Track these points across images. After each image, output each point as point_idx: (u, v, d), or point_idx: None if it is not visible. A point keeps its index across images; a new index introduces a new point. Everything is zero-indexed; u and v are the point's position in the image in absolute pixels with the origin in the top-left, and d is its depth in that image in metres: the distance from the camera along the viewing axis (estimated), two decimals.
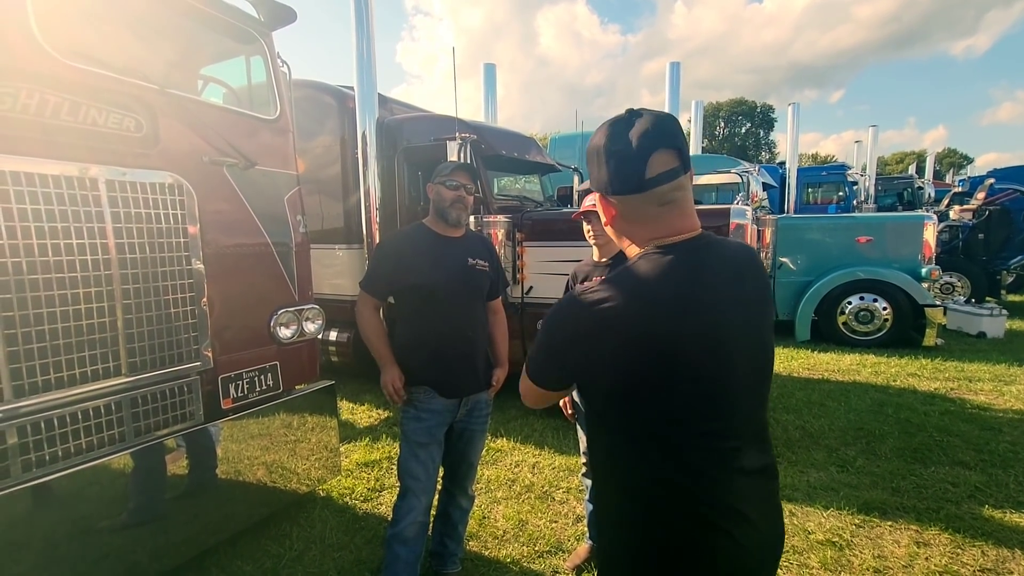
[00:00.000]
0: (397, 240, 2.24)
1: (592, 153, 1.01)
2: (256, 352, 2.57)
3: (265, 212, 2.63)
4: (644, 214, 0.99)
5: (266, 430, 2.53)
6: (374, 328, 2.14)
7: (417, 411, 2.08)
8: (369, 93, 4.83)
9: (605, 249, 2.21)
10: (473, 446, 2.25)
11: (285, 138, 2.87)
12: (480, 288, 2.19)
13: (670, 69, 7.41)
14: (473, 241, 2.23)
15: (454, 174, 2.11)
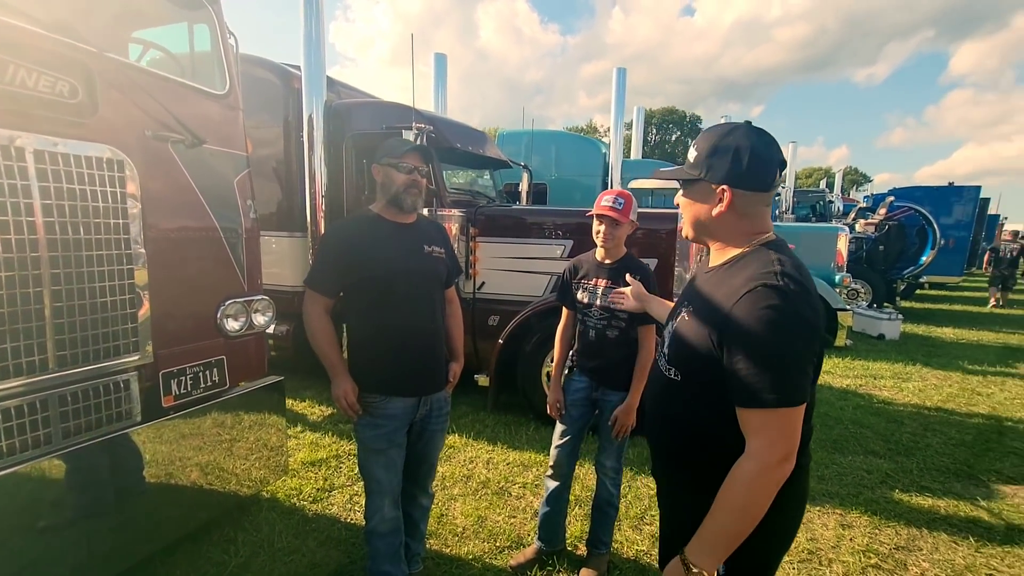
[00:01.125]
0: (344, 230, 2.01)
1: (732, 148, 1.11)
2: (201, 346, 2.38)
3: (213, 194, 2.44)
4: (754, 211, 1.15)
5: (210, 429, 2.35)
6: (324, 332, 1.94)
7: (373, 418, 1.96)
8: (317, 74, 4.60)
9: (612, 252, 2.22)
10: (433, 446, 2.17)
11: (235, 116, 2.67)
12: (439, 276, 2.07)
13: (616, 74, 7.59)
14: (426, 227, 2.09)
15: (406, 157, 1.95)
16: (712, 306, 1.09)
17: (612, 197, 2.16)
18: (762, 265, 1.07)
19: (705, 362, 1.09)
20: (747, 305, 1.01)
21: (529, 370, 4.14)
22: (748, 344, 1.00)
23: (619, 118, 7.66)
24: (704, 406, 1.12)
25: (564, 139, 9.27)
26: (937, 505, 3.02)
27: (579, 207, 5.71)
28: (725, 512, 1.03)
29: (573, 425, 2.32)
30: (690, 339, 1.14)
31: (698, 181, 1.16)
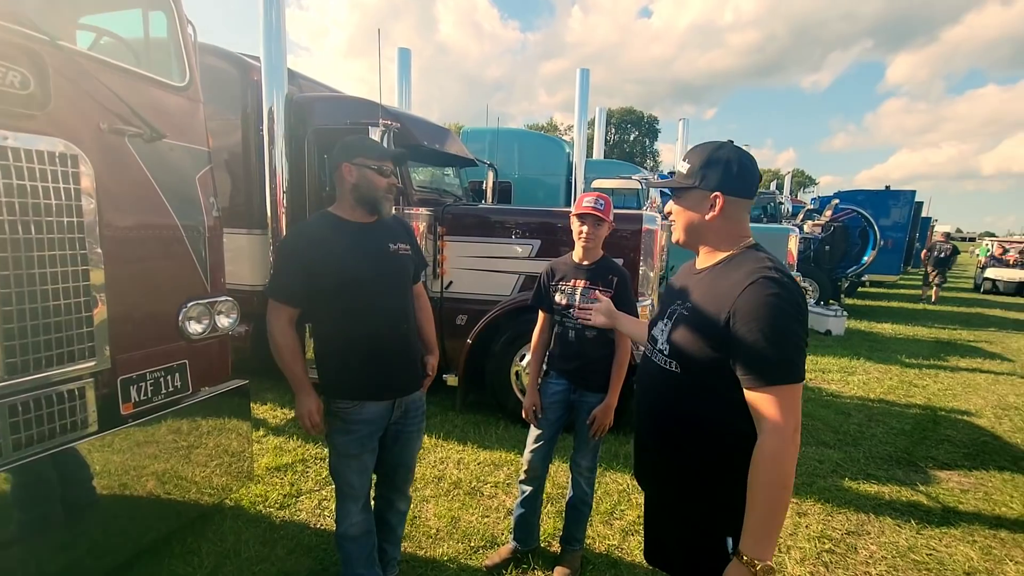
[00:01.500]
0: (305, 233, 1.90)
1: (724, 160, 1.24)
2: (162, 350, 2.28)
3: (174, 191, 2.33)
4: (740, 216, 1.28)
5: (171, 437, 2.25)
6: (289, 346, 1.86)
7: (346, 423, 1.90)
8: (277, 66, 4.46)
9: (591, 253, 2.25)
10: (410, 449, 2.12)
11: (196, 109, 2.56)
12: (407, 274, 2.02)
13: (580, 75, 7.69)
14: (390, 224, 2.00)
15: (387, 161, 1.91)
16: (715, 299, 1.19)
17: (593, 198, 2.19)
18: (756, 262, 1.20)
19: (709, 351, 1.18)
20: (752, 294, 1.12)
21: (498, 369, 4.16)
22: (758, 328, 1.09)
23: (582, 118, 7.77)
24: (706, 394, 1.21)
25: (528, 138, 9.32)
26: (882, 491, 3.23)
27: (543, 206, 5.74)
28: (767, 492, 1.08)
29: (549, 428, 2.34)
30: (694, 331, 1.22)
31: (692, 189, 1.27)
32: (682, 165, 1.31)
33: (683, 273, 1.43)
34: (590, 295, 2.20)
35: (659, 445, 1.35)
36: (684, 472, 1.27)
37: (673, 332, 1.27)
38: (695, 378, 1.22)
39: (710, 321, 1.17)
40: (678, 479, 1.29)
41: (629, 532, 2.72)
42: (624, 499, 3.04)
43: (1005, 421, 4.64)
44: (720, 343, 1.15)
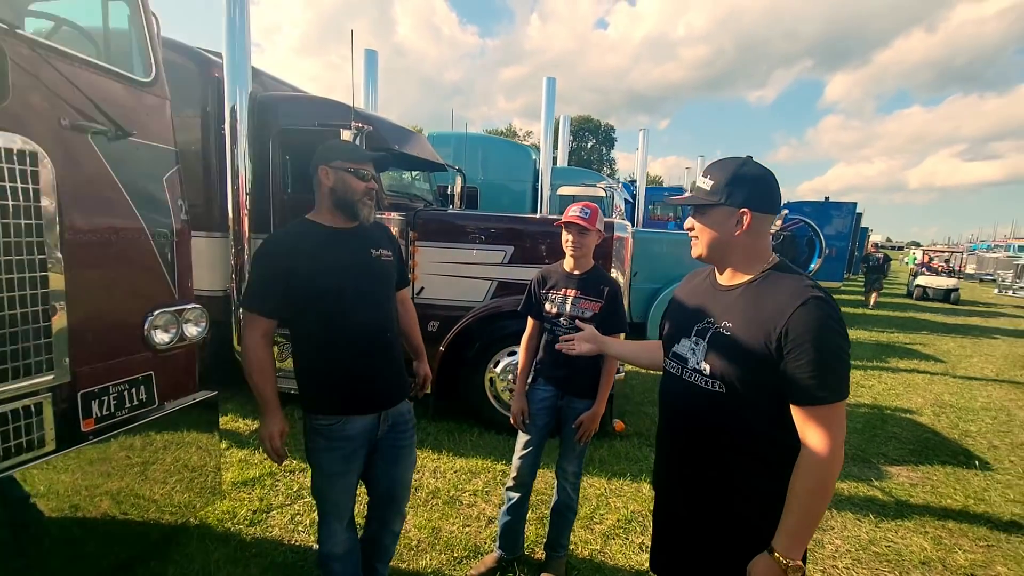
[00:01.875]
0: (281, 241, 1.79)
1: (760, 178, 1.27)
2: (126, 361, 2.14)
3: (140, 192, 2.20)
4: (765, 232, 1.30)
5: (136, 454, 2.11)
6: (259, 362, 1.75)
7: (329, 440, 1.81)
8: (241, 62, 4.28)
9: (581, 262, 2.26)
10: (405, 466, 2.01)
11: (162, 106, 2.44)
12: (390, 281, 1.95)
13: (546, 83, 7.75)
14: (371, 230, 1.93)
15: (366, 164, 1.84)
16: (762, 319, 1.19)
17: (580, 208, 2.20)
18: (797, 281, 1.22)
19: (758, 371, 1.18)
20: (805, 315, 1.14)
21: (472, 377, 4.13)
22: (813, 349, 1.11)
23: (548, 125, 7.84)
24: (752, 412, 1.22)
25: (494, 144, 9.33)
26: (841, 488, 3.40)
27: (510, 213, 5.75)
28: (809, 500, 1.13)
29: (537, 434, 2.33)
30: (741, 352, 1.22)
31: (718, 206, 1.27)
32: (703, 181, 1.30)
33: (700, 288, 1.41)
34: (580, 305, 2.22)
35: (703, 464, 1.33)
36: (732, 487, 1.27)
37: (713, 353, 1.26)
38: (741, 398, 1.22)
39: (759, 341, 1.18)
40: (726, 495, 1.28)
41: (610, 536, 2.75)
42: (603, 503, 3.07)
43: (943, 418, 4.98)
44: (770, 363, 1.16)
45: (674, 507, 1.43)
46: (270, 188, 4.48)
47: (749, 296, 1.26)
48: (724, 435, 1.26)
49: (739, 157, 1.31)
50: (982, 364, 7.52)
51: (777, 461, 1.20)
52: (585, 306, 2.22)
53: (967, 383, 6.36)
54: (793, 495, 1.15)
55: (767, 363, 1.17)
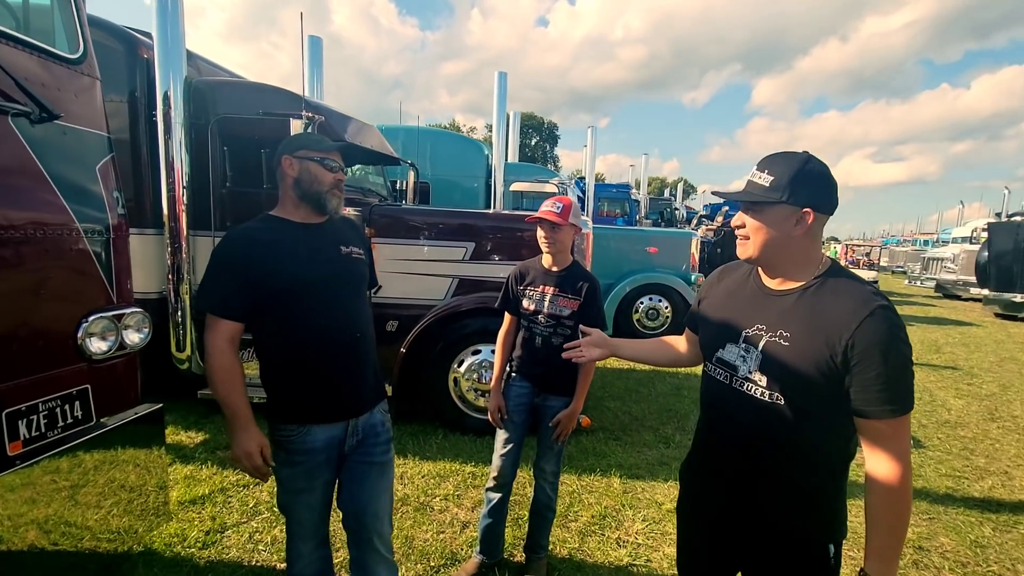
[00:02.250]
0: (242, 237, 1.64)
1: (824, 176, 1.20)
2: (57, 374, 1.89)
3: (71, 183, 1.95)
4: (820, 234, 1.25)
5: (71, 478, 1.87)
6: (225, 370, 1.58)
7: (288, 454, 1.67)
8: (175, 45, 3.94)
9: (559, 258, 2.21)
10: (375, 488, 1.77)
11: (92, 87, 2.18)
12: (361, 278, 1.81)
13: (498, 78, 7.69)
14: (340, 226, 1.80)
15: (333, 153, 1.71)
16: (826, 327, 1.14)
17: (552, 202, 2.16)
18: (860, 288, 1.17)
19: (822, 381, 1.14)
20: (874, 326, 1.09)
21: (435, 378, 4.01)
22: (884, 362, 1.08)
23: (501, 121, 7.78)
24: (812, 421, 1.18)
25: (445, 138, 9.18)
26: None
27: (462, 208, 5.64)
28: (893, 519, 1.11)
29: (516, 431, 2.28)
30: (803, 361, 1.16)
31: (777, 204, 1.18)
32: (760, 176, 1.21)
33: (743, 290, 1.34)
34: (559, 303, 2.18)
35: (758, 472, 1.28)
36: (789, 494, 1.23)
37: (769, 363, 1.20)
38: (799, 409, 1.18)
39: (822, 353, 1.13)
40: (780, 501, 1.25)
41: (587, 533, 2.74)
42: (576, 500, 3.06)
43: None
44: (834, 375, 1.12)
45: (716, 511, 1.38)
46: (209, 181, 4.17)
47: (807, 303, 1.19)
48: (780, 444, 1.22)
49: (799, 152, 1.22)
50: None
51: (831, 469, 1.21)
52: (563, 304, 2.18)
53: None
54: (877, 513, 1.12)
55: (831, 375, 1.12)
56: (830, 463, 1.21)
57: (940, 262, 17.03)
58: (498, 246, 4.17)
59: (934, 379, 6.38)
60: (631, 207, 12.66)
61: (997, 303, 12.04)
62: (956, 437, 4.44)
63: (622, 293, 7.70)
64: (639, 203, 13.39)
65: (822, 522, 1.23)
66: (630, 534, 2.76)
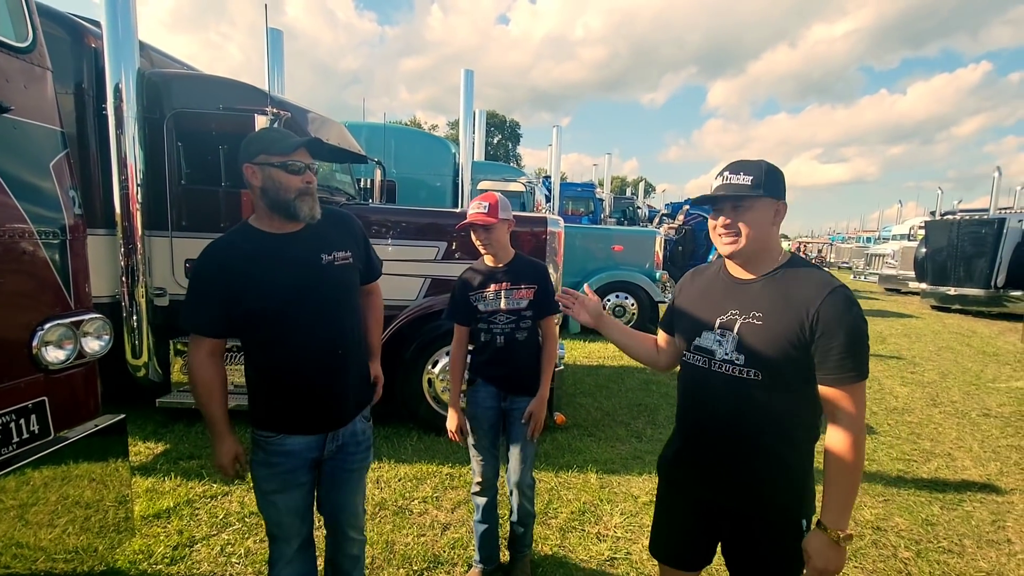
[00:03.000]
0: (217, 254, 1.60)
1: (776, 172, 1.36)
2: (11, 386, 1.76)
3: (21, 181, 1.82)
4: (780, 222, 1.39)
5: (26, 497, 1.76)
6: (205, 382, 1.60)
7: (266, 454, 1.66)
8: (126, 34, 3.75)
9: (501, 255, 2.19)
10: (349, 491, 1.82)
11: (43, 78, 2.04)
12: (347, 287, 1.74)
13: (464, 75, 7.63)
14: (322, 229, 1.69)
15: (297, 153, 1.58)
16: (792, 306, 1.28)
17: (477, 203, 2.12)
18: (819, 272, 1.33)
19: (792, 355, 1.27)
20: (835, 303, 1.24)
21: (409, 379, 3.96)
22: (844, 333, 1.22)
23: (468, 119, 7.73)
24: (786, 394, 1.30)
25: (410, 136, 9.05)
26: None
27: (429, 207, 5.57)
28: (849, 475, 1.23)
29: (486, 437, 2.24)
30: (775, 338, 1.29)
31: (762, 199, 1.33)
32: (740, 178, 1.33)
33: (713, 284, 1.46)
34: (514, 296, 2.17)
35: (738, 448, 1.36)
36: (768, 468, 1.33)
37: (747, 342, 1.32)
38: (775, 382, 1.30)
39: (791, 327, 1.26)
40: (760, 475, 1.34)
41: (567, 529, 2.77)
42: (555, 497, 3.08)
43: None
44: (802, 346, 1.25)
45: (700, 493, 1.45)
46: (165, 179, 3.97)
47: (775, 286, 1.34)
48: (759, 419, 1.32)
49: (758, 159, 1.38)
50: None
51: (804, 445, 1.34)
52: (519, 296, 2.17)
53: None
54: (834, 473, 1.24)
55: (800, 346, 1.26)
56: (803, 438, 1.34)
57: (881, 258, 18.04)
58: (470, 245, 4.13)
59: (881, 368, 6.76)
60: (596, 206, 12.84)
61: (933, 296, 12.86)
62: (904, 423, 4.72)
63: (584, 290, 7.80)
64: (603, 202, 13.61)
65: (796, 496, 1.34)
66: (609, 528, 2.80)
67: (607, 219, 12.06)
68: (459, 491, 3.08)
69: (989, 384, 6.17)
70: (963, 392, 5.79)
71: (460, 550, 2.55)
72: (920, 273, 13.45)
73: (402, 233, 4.20)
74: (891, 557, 2.68)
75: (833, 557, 1.23)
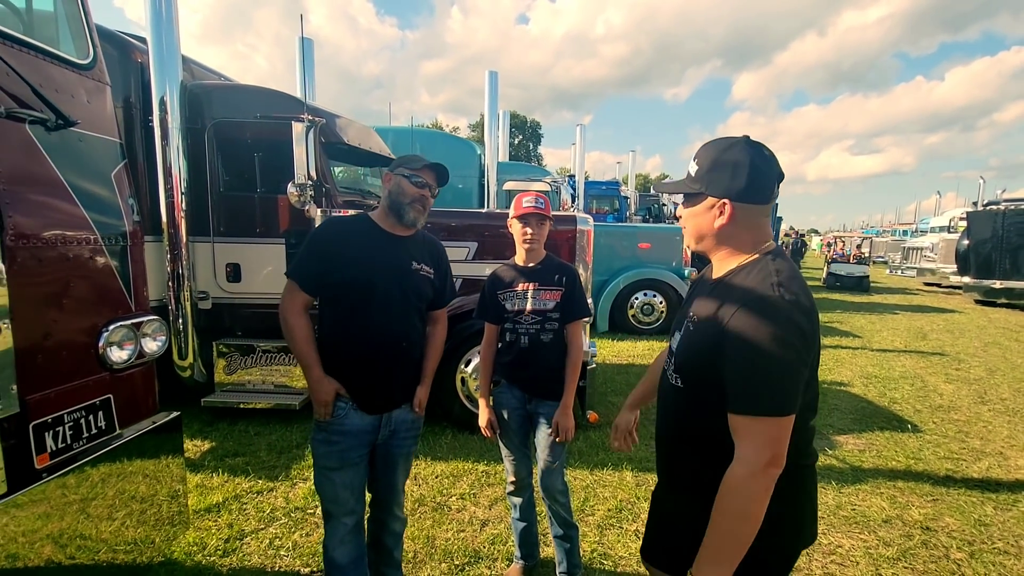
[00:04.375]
0: (335, 228, 1.99)
1: (727, 163, 1.15)
2: (82, 384, 1.87)
3: (88, 192, 1.93)
4: (755, 223, 1.19)
5: (97, 489, 1.85)
6: (302, 329, 1.85)
7: (328, 433, 1.86)
8: (170, 50, 3.91)
9: (534, 254, 2.19)
10: (395, 469, 2.02)
11: (103, 94, 2.16)
12: (422, 295, 1.97)
13: (488, 77, 7.70)
14: (420, 244, 2.00)
15: (423, 171, 1.91)
16: (715, 316, 1.12)
17: (532, 197, 2.15)
18: (762, 277, 1.11)
19: (707, 367, 1.12)
20: (745, 316, 1.05)
21: (443, 377, 4.01)
22: (744, 353, 1.03)
23: (493, 120, 7.79)
24: (702, 410, 1.16)
25: (435, 138, 9.17)
26: None
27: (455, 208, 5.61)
28: (724, 520, 1.05)
29: (516, 436, 2.25)
30: (694, 347, 1.18)
31: (699, 195, 1.19)
32: (691, 165, 1.21)
33: (699, 282, 1.38)
34: (541, 297, 2.17)
35: (671, 459, 1.33)
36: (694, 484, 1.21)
37: (679, 346, 1.23)
38: (696, 393, 1.17)
39: (708, 337, 1.12)
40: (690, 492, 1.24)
41: (605, 527, 2.78)
42: (591, 494, 3.09)
43: (871, 388, 5.48)
44: (715, 359, 1.09)
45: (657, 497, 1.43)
46: (207, 186, 4.13)
47: (721, 290, 1.17)
48: (680, 428, 1.25)
49: (730, 138, 1.19)
50: (891, 337, 8.36)
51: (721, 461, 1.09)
52: (546, 297, 2.17)
53: (883, 355, 7.05)
54: (714, 514, 1.06)
55: (713, 360, 1.09)
56: (718, 454, 1.11)
57: (920, 251, 17.41)
58: (501, 245, 4.18)
59: (923, 365, 6.54)
60: (621, 204, 12.75)
61: (977, 290, 12.35)
62: (950, 421, 4.56)
63: (616, 290, 7.76)
64: (628, 200, 13.50)
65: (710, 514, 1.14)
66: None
67: (633, 217, 11.96)
68: (495, 488, 3.12)
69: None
70: (1013, 389, 5.57)
71: (500, 546, 2.58)
72: (963, 266, 12.94)
73: (433, 234, 4.25)
74: (943, 558, 2.60)
75: None
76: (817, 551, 2.62)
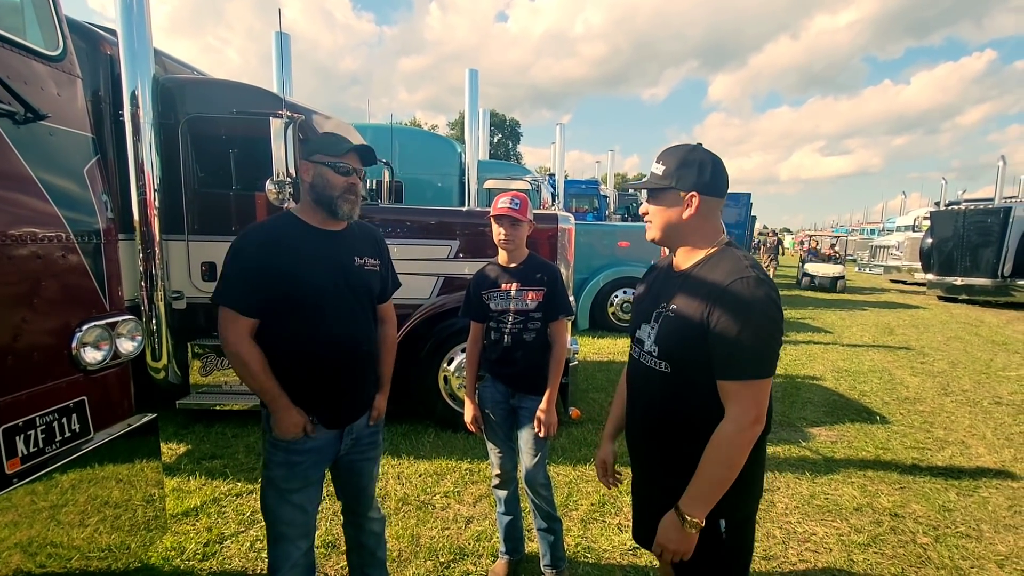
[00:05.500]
0: (259, 237, 1.67)
1: (694, 162, 1.33)
2: (54, 386, 1.81)
3: (59, 188, 1.87)
4: (714, 215, 1.37)
5: (71, 494, 1.81)
6: (254, 359, 1.63)
7: (288, 453, 1.70)
8: (142, 42, 3.79)
9: (515, 254, 2.21)
10: (362, 478, 1.94)
11: (74, 86, 2.10)
12: (370, 292, 1.84)
13: (469, 76, 7.67)
14: (358, 235, 1.83)
15: (347, 157, 1.70)
16: (700, 298, 1.25)
17: (508, 198, 2.15)
18: (736, 261, 1.27)
19: (695, 349, 1.25)
20: (734, 293, 1.20)
21: (424, 376, 4.01)
22: (736, 325, 1.18)
23: (473, 118, 7.77)
24: (694, 391, 1.28)
25: (415, 136, 9.10)
26: (778, 451, 3.74)
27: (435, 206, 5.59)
28: (712, 467, 1.21)
29: (501, 429, 2.28)
30: (681, 331, 1.28)
31: (668, 190, 1.34)
32: (656, 167, 1.36)
33: (660, 276, 1.47)
34: (523, 297, 2.19)
35: (655, 442, 1.41)
36: (679, 464, 1.30)
37: (661, 334, 1.33)
38: (682, 375, 1.29)
39: (694, 320, 1.24)
40: (675, 471, 1.32)
41: (588, 521, 2.81)
42: (574, 490, 3.13)
43: (842, 382, 5.65)
44: (703, 340, 1.22)
45: (638, 480, 1.54)
46: (180, 183, 4.03)
47: (693, 279, 1.31)
48: (668, 411, 1.35)
49: (689, 144, 1.38)
50: (860, 332, 8.63)
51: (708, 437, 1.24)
52: (529, 297, 2.19)
53: (853, 350, 7.27)
54: (703, 462, 1.23)
55: (701, 341, 1.23)
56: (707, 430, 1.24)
57: (886, 250, 18.00)
58: (482, 243, 4.18)
59: (891, 359, 6.77)
60: (600, 203, 12.86)
61: (940, 286, 12.84)
62: (916, 412, 4.74)
63: (596, 288, 7.84)
64: (608, 199, 13.62)
65: None
66: (629, 519, 2.83)
67: (612, 216, 12.07)
68: (479, 485, 3.13)
69: (999, 372, 6.19)
70: (974, 381, 5.81)
71: (485, 542, 2.59)
72: (926, 264, 13.44)
73: (414, 232, 4.25)
74: (910, 543, 2.71)
75: (675, 538, 1.24)
76: (792, 539, 2.70)
